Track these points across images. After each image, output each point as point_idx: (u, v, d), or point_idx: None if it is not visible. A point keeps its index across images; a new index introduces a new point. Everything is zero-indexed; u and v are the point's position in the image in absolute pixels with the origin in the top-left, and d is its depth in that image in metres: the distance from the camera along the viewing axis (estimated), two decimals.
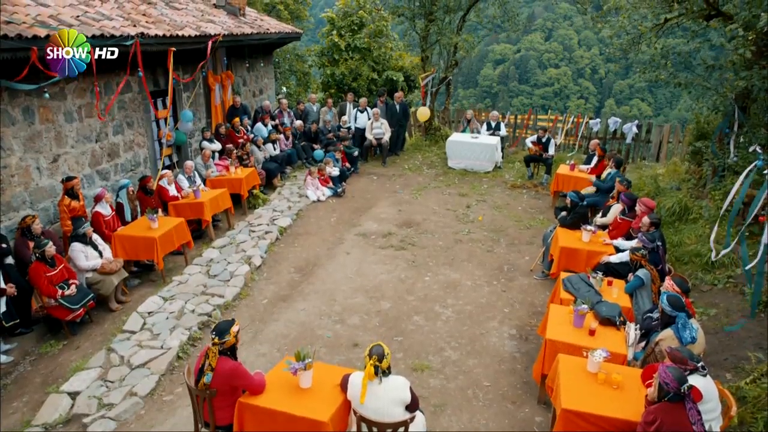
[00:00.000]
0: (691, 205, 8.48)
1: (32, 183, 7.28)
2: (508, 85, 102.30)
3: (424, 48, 14.02)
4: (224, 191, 9.13)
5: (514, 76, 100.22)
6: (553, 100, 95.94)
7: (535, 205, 10.57)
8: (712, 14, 8.18)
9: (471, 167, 12.40)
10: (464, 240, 8.81)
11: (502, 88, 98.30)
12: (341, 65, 18.33)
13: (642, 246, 6.16)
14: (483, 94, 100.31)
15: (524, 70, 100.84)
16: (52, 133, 7.56)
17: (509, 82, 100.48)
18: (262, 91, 14.43)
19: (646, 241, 6.17)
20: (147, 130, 9.63)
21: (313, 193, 10.52)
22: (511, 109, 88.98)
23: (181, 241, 7.84)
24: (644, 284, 5.89)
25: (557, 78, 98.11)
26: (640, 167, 12.59)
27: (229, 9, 12.76)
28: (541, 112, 16.07)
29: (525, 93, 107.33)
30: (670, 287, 5.00)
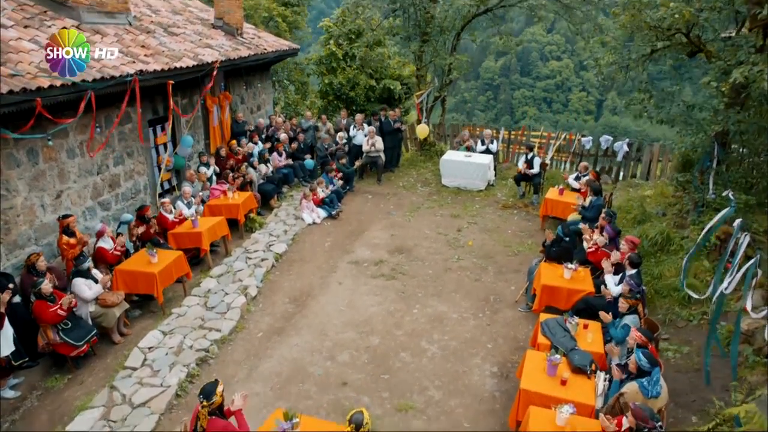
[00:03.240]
0: (673, 236, 8.76)
1: (36, 220, 7.60)
2: (510, 77, 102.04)
3: (419, 67, 14.25)
4: (221, 219, 9.44)
5: (515, 68, 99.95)
6: (555, 93, 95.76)
7: (525, 227, 10.85)
8: (695, 51, 8.43)
9: (464, 186, 12.69)
10: (453, 268, 9.12)
11: (503, 81, 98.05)
12: (339, 74, 18.56)
13: (630, 289, 6.43)
14: (485, 87, 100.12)
15: (526, 62, 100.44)
16: (55, 170, 7.87)
17: (511, 75, 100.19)
18: (260, 107, 14.69)
19: (634, 285, 6.45)
20: (146, 158, 9.92)
21: (309, 215, 10.82)
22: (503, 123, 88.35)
23: (179, 273, 8.17)
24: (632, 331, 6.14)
25: (559, 70, 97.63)
26: (630, 185, 12.85)
27: (226, 29, 13.00)
28: (534, 126, 16.27)
29: (527, 86, 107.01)
30: (637, 338, 5.31)
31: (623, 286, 6.34)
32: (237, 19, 13.10)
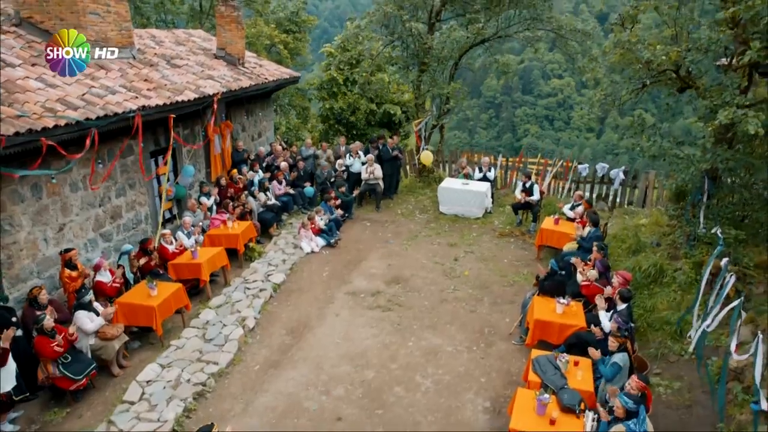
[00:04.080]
0: (666, 268, 8.86)
1: (39, 254, 7.76)
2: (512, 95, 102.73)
3: (417, 96, 14.50)
4: (221, 250, 9.59)
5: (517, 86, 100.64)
6: (557, 111, 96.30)
7: (521, 256, 10.97)
8: (685, 87, 8.61)
9: (462, 213, 12.83)
10: (449, 299, 9.23)
11: (505, 99, 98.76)
12: (340, 99, 18.86)
13: (618, 327, 6.52)
14: (486, 105, 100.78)
15: (528, 80, 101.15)
16: (58, 204, 8.05)
17: (513, 93, 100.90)
18: (260, 134, 14.93)
19: (621, 322, 6.56)
20: (148, 189, 10.11)
21: (307, 244, 10.96)
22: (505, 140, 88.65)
23: (179, 305, 8.31)
24: (621, 369, 6.23)
25: (560, 88, 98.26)
26: (626, 213, 12.97)
27: (228, 59, 13.28)
28: (531, 154, 16.47)
29: (528, 103, 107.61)
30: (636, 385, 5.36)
31: (612, 324, 6.44)
32: (239, 49, 13.39)
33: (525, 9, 13.41)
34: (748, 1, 6.18)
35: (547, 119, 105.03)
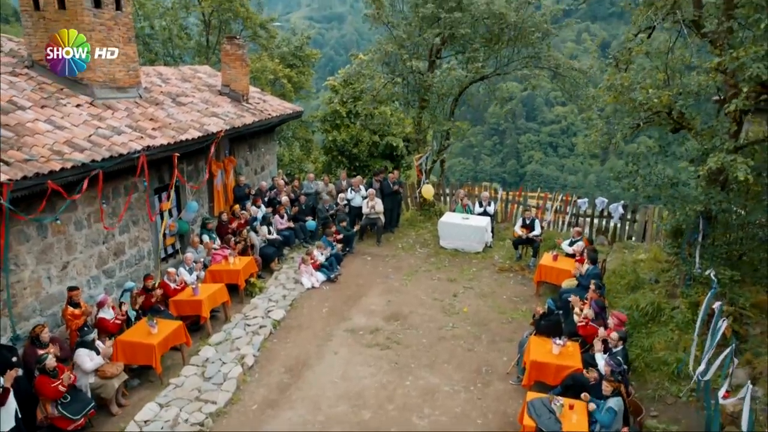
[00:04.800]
0: (664, 306, 8.88)
1: (43, 292, 7.88)
2: (516, 122, 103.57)
3: (418, 131, 14.76)
4: (222, 287, 9.69)
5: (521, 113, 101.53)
6: (560, 137, 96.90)
7: (520, 292, 11.02)
8: (678, 128, 8.76)
9: (462, 248, 12.93)
10: (447, 337, 9.27)
11: (509, 126, 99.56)
12: (343, 131, 19.15)
13: (611, 370, 6.54)
14: (491, 132, 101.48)
15: (531, 107, 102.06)
16: (62, 243, 8.19)
17: (516, 120, 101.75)
18: (263, 168, 15.16)
19: (614, 365, 6.58)
20: (151, 225, 10.26)
21: (308, 280, 11.06)
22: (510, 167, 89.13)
23: (178, 341, 8.39)
24: (617, 414, 6.24)
25: (564, 115, 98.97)
26: (626, 247, 13.02)
27: (232, 96, 13.59)
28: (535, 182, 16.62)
29: (532, 130, 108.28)
30: None
31: (605, 367, 6.47)
32: (243, 86, 13.71)
33: (524, 47, 13.71)
34: (733, 53, 6.36)
35: (551, 146, 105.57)
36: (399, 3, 14.73)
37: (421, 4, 13.46)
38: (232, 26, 21.58)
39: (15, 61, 9.66)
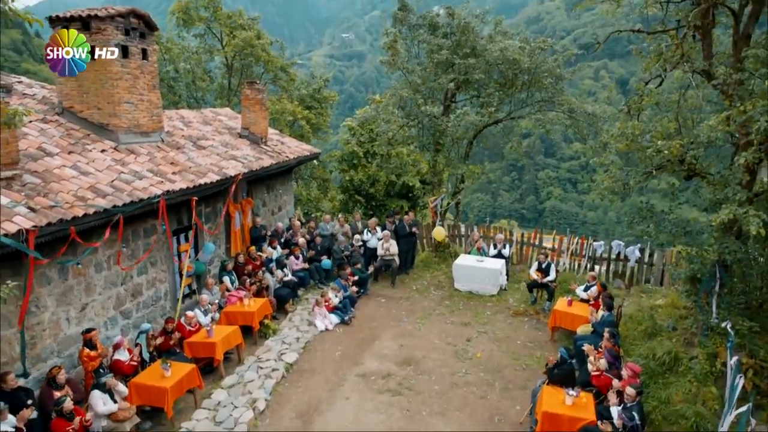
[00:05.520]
0: (682, 356, 8.71)
1: (61, 333, 8.05)
2: (534, 158, 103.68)
3: (434, 173, 14.94)
4: (236, 329, 9.78)
5: (539, 149, 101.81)
6: (580, 173, 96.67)
7: (535, 337, 10.90)
8: (691, 175, 8.76)
9: (476, 290, 12.89)
10: (460, 383, 9.17)
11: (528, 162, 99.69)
12: (360, 171, 19.45)
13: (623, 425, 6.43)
14: (509, 168, 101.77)
15: (549, 143, 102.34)
16: (82, 285, 8.40)
17: (535, 156, 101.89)
18: (281, 208, 15.40)
19: (626, 419, 6.47)
20: (169, 266, 10.47)
21: (321, 322, 11.10)
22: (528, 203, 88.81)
23: (191, 385, 8.44)
24: None
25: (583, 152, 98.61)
26: (643, 291, 12.86)
27: (252, 138, 13.95)
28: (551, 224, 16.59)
29: (551, 166, 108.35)
30: None
31: (617, 420, 6.35)
32: (262, 129, 14.08)
33: (537, 91, 13.92)
34: (741, 106, 6.41)
35: (570, 182, 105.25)
36: (414, 48, 15.15)
37: (435, 50, 13.83)
38: (254, 69, 22.31)
39: (46, 108, 10.15)
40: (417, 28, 14.87)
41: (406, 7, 15.04)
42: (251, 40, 20.63)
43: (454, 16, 14.39)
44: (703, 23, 8.50)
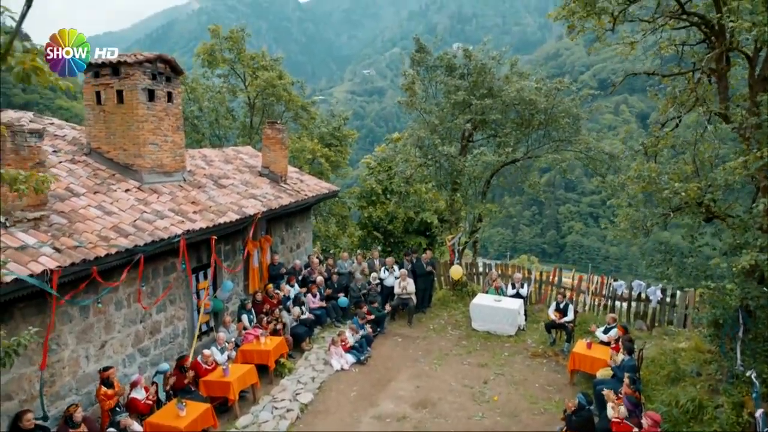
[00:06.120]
0: (706, 404, 8.44)
1: (80, 371, 8.16)
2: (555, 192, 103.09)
3: (451, 212, 15.00)
4: (251, 368, 9.79)
5: (560, 184, 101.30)
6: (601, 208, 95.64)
7: (553, 380, 10.68)
8: (711, 217, 8.67)
9: (494, 330, 12.74)
10: (476, 427, 9.00)
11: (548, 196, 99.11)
12: (378, 208, 19.58)
13: None
14: (530, 202, 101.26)
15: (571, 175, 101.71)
16: (102, 322, 8.55)
17: (556, 190, 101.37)
18: (299, 246, 15.55)
19: None
20: (187, 303, 10.59)
21: (337, 362, 11.05)
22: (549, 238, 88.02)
23: (206, 425, 8.43)
24: None
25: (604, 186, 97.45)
26: (666, 333, 12.55)
27: (271, 177, 14.21)
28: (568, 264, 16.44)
29: (572, 201, 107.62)
30: None
31: None
32: (281, 168, 14.36)
33: (554, 131, 14.00)
34: (757, 152, 6.39)
35: (591, 216, 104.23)
36: (432, 89, 15.44)
37: (453, 90, 14.07)
38: (275, 108, 22.88)
39: (75, 148, 10.54)
40: (434, 69, 15.19)
41: (424, 48, 15.40)
42: (273, 80, 21.23)
43: (470, 58, 14.69)
44: (718, 67, 8.55)
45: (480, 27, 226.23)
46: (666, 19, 9.00)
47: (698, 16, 8.70)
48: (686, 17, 8.88)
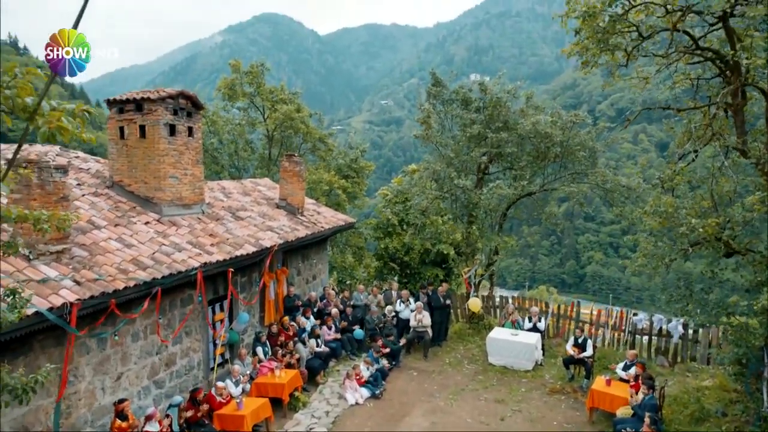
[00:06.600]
0: None
1: (96, 403, 8.20)
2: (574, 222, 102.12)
3: (467, 245, 14.96)
4: (265, 402, 9.76)
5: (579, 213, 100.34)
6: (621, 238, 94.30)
7: (572, 418, 10.44)
8: (730, 252, 8.53)
9: (511, 365, 12.55)
10: None
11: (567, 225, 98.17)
12: (395, 239, 19.57)
13: None
14: (548, 231, 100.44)
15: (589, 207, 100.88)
16: (119, 354, 8.61)
17: (575, 219, 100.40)
18: (315, 277, 15.59)
19: None
20: (203, 335, 10.64)
21: (352, 396, 10.95)
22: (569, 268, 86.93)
23: None
24: None
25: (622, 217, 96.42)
26: (689, 370, 12.24)
27: (288, 209, 14.37)
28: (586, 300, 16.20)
29: (591, 230, 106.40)
30: None
31: None
32: (299, 200, 14.52)
33: (570, 163, 14.00)
34: None
35: (611, 246, 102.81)
36: (448, 122, 15.60)
37: (468, 124, 14.21)
38: (293, 140, 23.26)
39: (98, 181, 10.81)
40: (450, 103, 15.39)
41: (440, 82, 15.63)
42: (291, 113, 21.63)
43: (486, 92, 14.85)
44: (734, 101, 8.54)
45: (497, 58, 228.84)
46: (680, 54, 9.04)
47: (712, 51, 8.74)
48: (700, 52, 8.92)
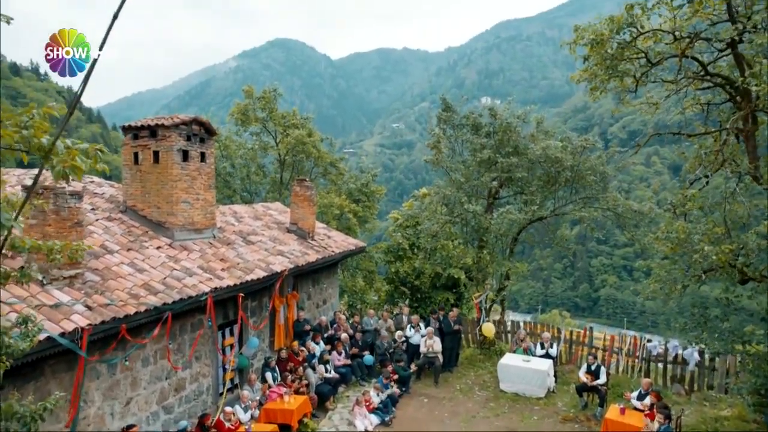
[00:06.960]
0: None
1: (104, 428, 8.18)
2: (586, 245, 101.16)
3: (478, 269, 14.90)
4: (274, 429, 9.69)
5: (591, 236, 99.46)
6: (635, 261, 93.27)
7: None
8: (745, 279, 8.41)
9: (523, 392, 12.36)
10: None
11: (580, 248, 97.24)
12: (405, 263, 19.54)
13: None
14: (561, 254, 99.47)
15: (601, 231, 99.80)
16: (129, 379, 8.62)
17: (587, 242, 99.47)
18: (325, 301, 15.56)
19: None
20: (213, 360, 10.63)
21: (361, 422, 10.83)
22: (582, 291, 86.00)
23: None
24: None
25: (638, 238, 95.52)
26: (706, 399, 11.95)
27: (299, 233, 14.43)
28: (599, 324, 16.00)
29: (605, 253, 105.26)
30: None
31: None
32: (309, 224, 14.58)
33: (581, 188, 13.96)
34: None
35: (625, 269, 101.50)
36: (458, 147, 15.68)
37: (478, 149, 14.26)
38: (305, 164, 23.47)
39: (112, 206, 10.96)
40: (460, 128, 15.48)
41: (450, 108, 15.75)
42: (303, 138, 21.88)
43: (496, 117, 14.94)
44: (745, 127, 8.51)
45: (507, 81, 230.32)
46: (689, 80, 9.06)
47: (722, 77, 8.75)
48: (710, 78, 8.93)
